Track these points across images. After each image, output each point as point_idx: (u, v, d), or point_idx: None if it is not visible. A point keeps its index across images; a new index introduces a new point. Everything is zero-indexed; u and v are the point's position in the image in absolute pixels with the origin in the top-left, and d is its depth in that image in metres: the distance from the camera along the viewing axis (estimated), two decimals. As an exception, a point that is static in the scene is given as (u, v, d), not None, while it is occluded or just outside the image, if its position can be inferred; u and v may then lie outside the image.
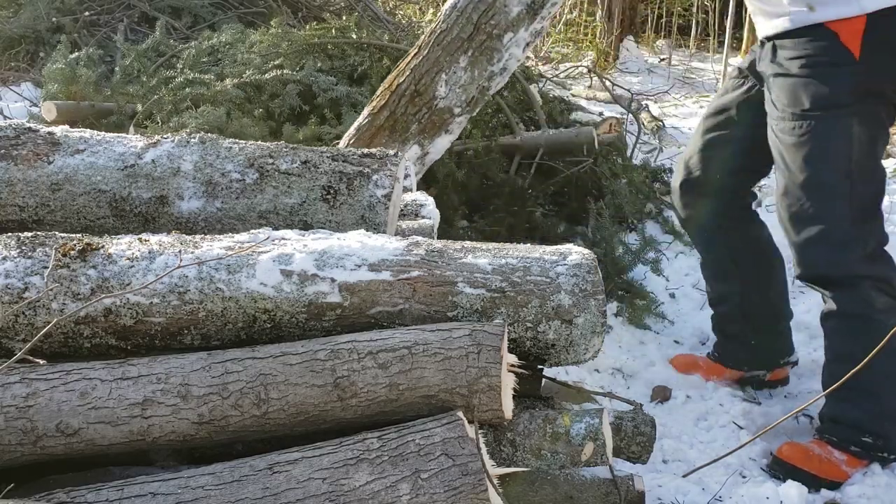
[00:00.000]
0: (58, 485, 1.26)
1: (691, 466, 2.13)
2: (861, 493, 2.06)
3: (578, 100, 5.04)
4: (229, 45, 3.66)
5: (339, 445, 1.23)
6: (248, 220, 1.60)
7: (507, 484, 1.37)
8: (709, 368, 2.59)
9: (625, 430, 1.57)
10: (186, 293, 1.37)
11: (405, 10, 6.14)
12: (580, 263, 1.44)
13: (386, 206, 1.60)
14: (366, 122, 2.39)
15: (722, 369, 2.57)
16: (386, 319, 1.39)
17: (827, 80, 2.05)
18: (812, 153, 2.08)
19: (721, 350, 2.59)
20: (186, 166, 1.62)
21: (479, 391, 1.28)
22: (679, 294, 3.10)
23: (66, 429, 1.26)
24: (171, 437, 1.29)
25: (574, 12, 7.77)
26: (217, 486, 1.19)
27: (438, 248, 1.46)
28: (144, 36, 4.30)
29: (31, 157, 1.62)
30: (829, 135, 2.07)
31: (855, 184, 2.07)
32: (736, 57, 6.86)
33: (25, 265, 1.39)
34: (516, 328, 1.40)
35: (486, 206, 3.18)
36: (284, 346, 1.32)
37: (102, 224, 1.62)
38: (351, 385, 1.28)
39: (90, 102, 3.34)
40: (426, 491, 1.18)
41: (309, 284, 1.38)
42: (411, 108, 2.31)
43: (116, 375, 1.28)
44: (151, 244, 1.44)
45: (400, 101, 2.33)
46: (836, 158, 2.07)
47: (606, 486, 1.47)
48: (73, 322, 1.37)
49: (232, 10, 4.85)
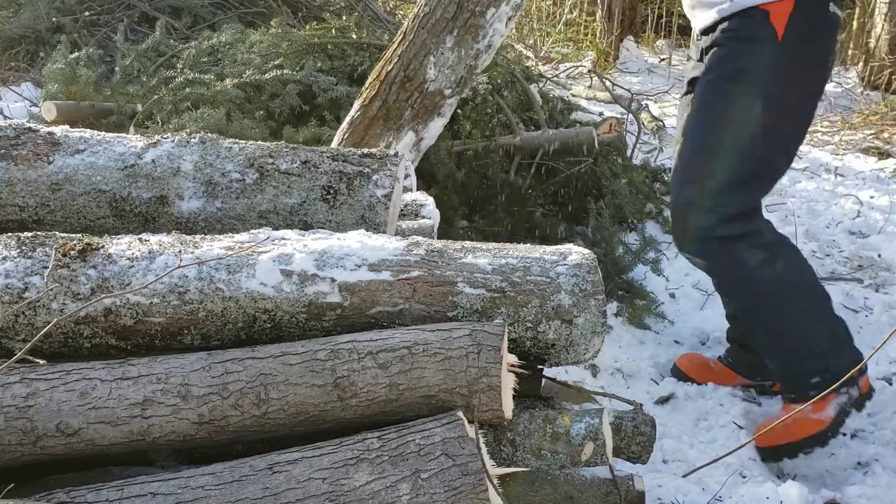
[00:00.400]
0: (58, 485, 1.26)
1: (691, 466, 2.13)
2: (861, 493, 2.06)
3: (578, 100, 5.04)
4: (229, 45, 3.66)
5: (339, 445, 1.23)
6: (248, 220, 1.60)
7: (507, 484, 1.37)
8: (721, 373, 2.56)
9: (625, 430, 1.56)
10: (186, 293, 1.37)
11: (405, 10, 6.14)
12: (580, 263, 1.44)
13: (386, 206, 1.60)
14: (358, 114, 2.39)
15: (733, 375, 2.56)
16: (386, 319, 1.39)
17: (747, 53, 2.12)
18: (711, 118, 2.17)
19: (735, 357, 2.56)
20: (186, 166, 1.62)
21: (479, 391, 1.28)
22: (679, 294, 3.10)
23: (66, 429, 1.26)
24: (171, 437, 1.29)
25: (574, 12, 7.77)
26: (217, 486, 1.19)
27: (438, 248, 1.46)
28: (144, 36, 4.29)
29: (31, 157, 1.62)
30: (734, 105, 2.14)
31: (739, 158, 2.13)
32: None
33: (25, 265, 1.39)
34: (516, 328, 1.40)
35: (486, 206, 3.18)
36: (284, 346, 1.32)
37: (102, 224, 1.62)
38: (351, 385, 1.28)
39: (90, 102, 3.34)
40: (426, 491, 1.18)
41: (309, 284, 1.38)
42: (403, 94, 2.31)
43: (116, 375, 1.28)
44: (151, 244, 1.44)
45: (391, 89, 2.33)
46: (731, 130, 2.14)
47: (606, 486, 1.47)
48: (73, 322, 1.37)
49: (232, 10, 4.85)
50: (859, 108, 5.46)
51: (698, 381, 2.54)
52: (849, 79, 6.25)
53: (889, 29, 5.77)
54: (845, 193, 4.09)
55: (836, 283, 3.19)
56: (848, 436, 2.34)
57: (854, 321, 2.92)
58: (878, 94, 5.72)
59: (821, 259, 3.43)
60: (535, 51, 6.81)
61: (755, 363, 2.49)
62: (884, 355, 2.67)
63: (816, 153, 4.75)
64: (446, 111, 2.38)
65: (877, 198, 4.02)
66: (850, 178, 4.37)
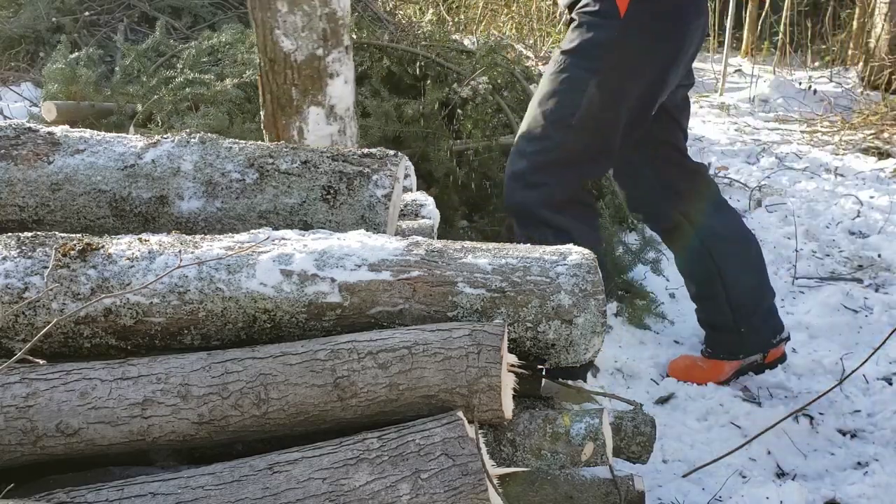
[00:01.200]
0: (58, 485, 1.26)
1: (691, 466, 2.14)
2: (861, 493, 2.06)
3: (578, 100, 5.02)
4: (229, 45, 3.66)
5: (339, 445, 1.23)
6: (248, 220, 1.59)
7: (507, 484, 1.37)
8: (708, 368, 2.58)
9: (625, 430, 1.56)
10: (186, 293, 1.37)
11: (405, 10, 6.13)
12: (580, 263, 1.44)
13: (386, 206, 1.59)
14: (263, 115, 2.34)
15: (721, 364, 2.56)
16: (386, 319, 1.39)
17: (590, 29, 2.14)
18: (549, 93, 2.18)
19: (713, 344, 2.58)
20: (186, 166, 1.61)
21: (479, 391, 1.28)
22: (679, 294, 3.10)
23: (66, 429, 1.26)
24: (171, 437, 1.29)
25: (574, 12, 7.76)
26: (217, 486, 1.19)
27: (438, 248, 1.46)
28: (144, 36, 4.29)
29: (31, 157, 1.62)
30: (568, 82, 2.15)
31: (569, 137, 2.14)
32: (736, 57, 6.86)
33: (25, 265, 1.39)
34: (516, 328, 1.40)
35: (487, 205, 3.18)
36: (284, 346, 1.32)
37: (102, 224, 1.62)
38: (351, 385, 1.28)
39: (90, 102, 3.33)
40: (426, 491, 1.18)
41: (309, 284, 1.38)
42: (278, 78, 2.23)
43: (116, 375, 1.28)
44: (151, 244, 1.44)
45: (268, 79, 2.25)
46: (563, 106, 2.15)
47: (606, 486, 1.47)
48: (73, 322, 1.37)
49: (232, 10, 4.85)
50: (859, 108, 5.46)
51: (695, 383, 2.55)
52: (849, 79, 6.25)
53: (889, 29, 5.76)
54: (845, 193, 4.09)
55: (836, 283, 3.19)
56: (848, 436, 2.34)
57: (854, 321, 2.92)
58: (878, 94, 5.72)
59: (821, 259, 3.43)
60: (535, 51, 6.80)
61: (733, 344, 2.54)
62: (884, 355, 2.67)
63: (816, 153, 4.75)
64: (339, 69, 2.25)
65: (877, 198, 4.02)
66: (850, 178, 4.37)
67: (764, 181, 4.22)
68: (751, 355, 2.56)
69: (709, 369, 2.58)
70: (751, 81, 6.05)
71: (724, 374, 2.56)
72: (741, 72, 6.54)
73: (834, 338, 2.83)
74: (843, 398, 2.48)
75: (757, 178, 4.26)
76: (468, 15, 6.70)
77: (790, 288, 3.19)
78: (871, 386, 2.55)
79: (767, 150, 4.77)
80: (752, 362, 2.57)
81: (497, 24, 6.63)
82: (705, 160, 4.48)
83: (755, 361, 2.57)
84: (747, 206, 3.94)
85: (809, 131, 5.17)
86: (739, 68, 6.65)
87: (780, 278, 3.25)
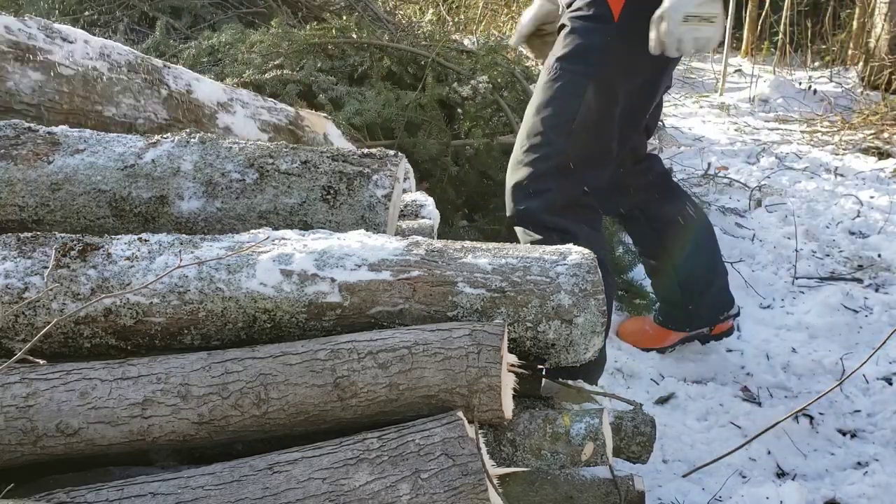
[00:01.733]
0: (58, 485, 1.26)
1: (691, 466, 2.14)
2: (861, 493, 2.06)
3: (578, 100, 5.03)
4: (229, 45, 3.65)
5: (339, 445, 1.23)
6: (248, 220, 1.59)
7: (507, 484, 1.37)
8: (655, 334, 2.72)
9: (625, 430, 1.57)
10: (186, 293, 1.37)
11: (405, 10, 6.14)
12: (580, 263, 1.44)
13: (386, 206, 1.59)
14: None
15: (668, 332, 2.71)
16: (386, 319, 1.39)
17: (584, 34, 2.15)
18: (546, 100, 2.18)
19: (664, 315, 2.72)
20: (186, 166, 1.61)
21: (479, 391, 1.28)
22: (679, 294, 3.10)
23: (66, 429, 1.26)
24: (171, 437, 1.29)
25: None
26: (217, 486, 1.19)
27: (438, 247, 1.46)
28: (144, 36, 4.29)
29: (31, 156, 1.62)
30: (565, 88, 2.15)
31: (569, 142, 2.14)
32: (736, 57, 6.86)
33: (25, 265, 1.39)
34: (516, 328, 1.40)
35: (487, 205, 3.18)
36: (284, 346, 1.32)
37: (102, 224, 1.62)
38: (351, 385, 1.28)
39: (90, 102, 3.33)
40: (426, 491, 1.18)
41: (309, 284, 1.38)
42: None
43: (116, 375, 1.28)
44: (151, 244, 1.44)
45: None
46: (562, 112, 2.15)
47: (606, 486, 1.47)
48: (73, 322, 1.37)
49: (232, 10, 4.84)
50: (859, 108, 5.46)
51: (639, 347, 2.71)
52: (849, 79, 6.25)
53: (889, 29, 5.76)
54: (845, 193, 4.09)
55: (836, 283, 3.19)
56: (848, 436, 2.34)
57: (854, 321, 2.92)
58: (878, 94, 5.72)
59: (821, 259, 3.43)
60: (535, 51, 6.80)
61: (681, 318, 2.67)
62: (884, 355, 2.67)
63: (816, 153, 4.75)
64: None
65: (877, 198, 4.02)
66: (850, 178, 4.37)
67: (764, 181, 4.22)
68: (697, 329, 2.69)
69: (655, 335, 2.73)
70: (751, 81, 6.05)
71: (670, 342, 2.72)
72: (741, 72, 6.54)
73: (834, 338, 2.83)
74: (843, 398, 2.49)
75: (757, 178, 4.26)
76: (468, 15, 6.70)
77: (790, 288, 3.19)
78: (871, 386, 2.56)
79: (767, 150, 4.77)
80: (698, 333, 2.71)
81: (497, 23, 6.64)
82: (705, 160, 4.48)
83: (702, 332, 2.71)
84: (747, 206, 3.94)
85: (809, 131, 5.18)
86: (739, 68, 6.65)
87: (780, 278, 3.25)
